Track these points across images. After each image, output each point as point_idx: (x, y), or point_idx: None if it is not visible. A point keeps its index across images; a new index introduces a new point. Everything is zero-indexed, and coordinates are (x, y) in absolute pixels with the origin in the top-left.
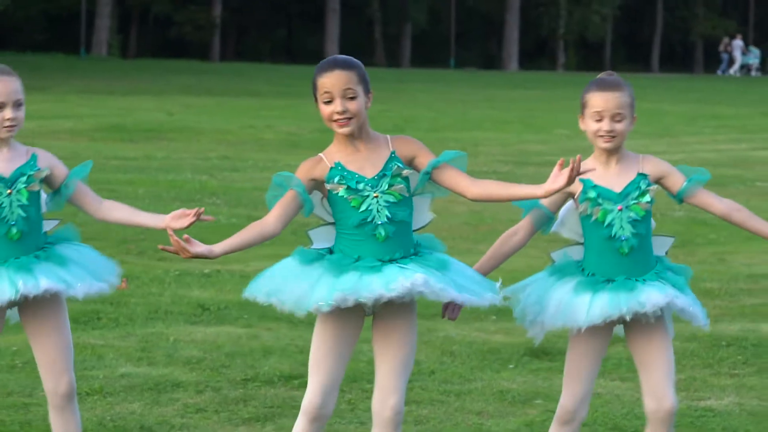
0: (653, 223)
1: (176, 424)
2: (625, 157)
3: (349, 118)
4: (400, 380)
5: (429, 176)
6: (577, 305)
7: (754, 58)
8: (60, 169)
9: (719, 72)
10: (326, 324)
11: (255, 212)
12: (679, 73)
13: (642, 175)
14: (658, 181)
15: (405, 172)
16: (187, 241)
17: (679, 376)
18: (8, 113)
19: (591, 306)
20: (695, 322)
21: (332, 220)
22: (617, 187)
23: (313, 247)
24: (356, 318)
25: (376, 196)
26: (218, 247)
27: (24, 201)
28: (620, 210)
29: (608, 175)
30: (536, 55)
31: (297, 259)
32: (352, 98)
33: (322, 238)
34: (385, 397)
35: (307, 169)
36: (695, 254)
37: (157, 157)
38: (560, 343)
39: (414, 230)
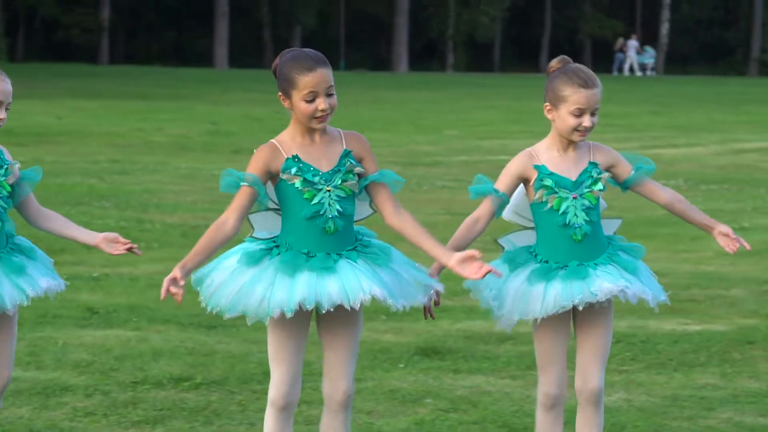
0: (604, 204)
1: (65, 428)
2: (578, 144)
3: (329, 114)
4: (348, 367)
5: (367, 186)
6: (532, 296)
7: (650, 57)
8: (18, 166)
9: (615, 72)
10: (280, 319)
11: (144, 215)
12: None
13: (593, 164)
14: (608, 169)
15: (357, 169)
16: (175, 291)
17: (569, 373)
18: (2, 114)
19: (545, 296)
20: (648, 304)
21: (276, 206)
22: (572, 175)
23: (254, 234)
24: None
25: (329, 190)
26: (187, 267)
27: (4, 193)
28: (575, 198)
29: (564, 163)
30: (426, 57)
31: (243, 262)
32: (332, 94)
33: (263, 224)
34: (336, 383)
35: (263, 160)
36: None
37: (46, 160)
38: (449, 342)
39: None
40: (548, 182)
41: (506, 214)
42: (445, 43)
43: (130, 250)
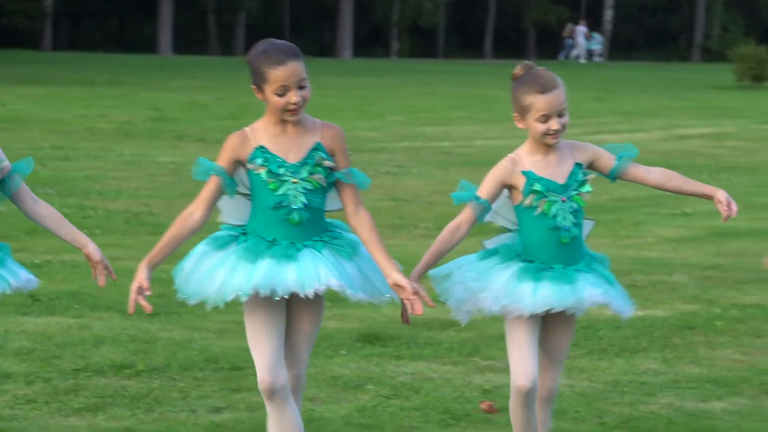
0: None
1: (5, 415)
2: (558, 146)
3: (302, 106)
4: (304, 353)
5: (335, 181)
6: (521, 291)
7: (597, 44)
8: (6, 162)
9: (561, 57)
10: (254, 305)
11: (86, 201)
12: (512, 60)
13: (578, 165)
14: (590, 166)
15: (327, 163)
16: (144, 304)
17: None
18: None
19: (536, 294)
20: (622, 317)
21: (247, 192)
22: (560, 178)
23: (222, 219)
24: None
25: (295, 182)
26: (154, 262)
27: None
28: (563, 201)
29: (550, 166)
30: (370, 43)
31: (211, 246)
32: (304, 87)
33: (231, 209)
34: (290, 369)
35: (233, 148)
36: None
37: None
38: (392, 328)
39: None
40: (538, 187)
41: (497, 219)
42: (390, 29)
43: (108, 273)
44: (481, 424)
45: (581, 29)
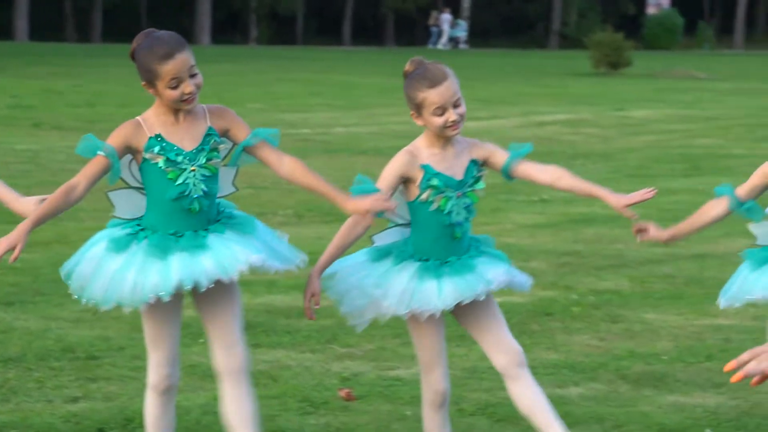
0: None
1: None
2: (456, 140)
3: (196, 94)
4: (238, 333)
5: (243, 150)
6: (427, 291)
7: (462, 31)
8: None
9: (430, 45)
10: (153, 305)
11: None
12: (371, 46)
13: (474, 162)
14: (485, 163)
15: (221, 146)
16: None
17: (369, 346)
18: None
19: (441, 291)
20: (521, 290)
21: (138, 185)
22: (458, 173)
23: (115, 214)
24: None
25: (194, 170)
26: (28, 224)
27: None
28: (458, 197)
29: (447, 161)
30: (228, 29)
31: (111, 248)
32: (195, 74)
33: (124, 202)
34: (232, 350)
35: (125, 135)
36: (383, 224)
37: None
38: (250, 316)
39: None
40: (435, 182)
41: (389, 214)
42: (248, 16)
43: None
44: (340, 412)
45: (446, 17)
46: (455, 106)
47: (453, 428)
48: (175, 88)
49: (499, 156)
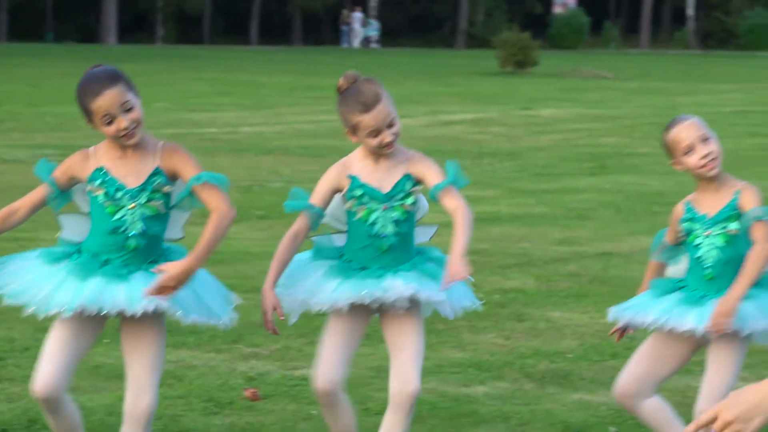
0: (426, 205)
1: None
2: (393, 153)
3: (135, 128)
4: (150, 378)
5: (189, 192)
6: (325, 288)
7: (374, 30)
8: None
9: (344, 44)
10: (67, 318)
11: None
12: (278, 45)
13: (407, 176)
14: (420, 181)
15: (166, 188)
16: None
17: (275, 346)
18: None
19: (336, 289)
20: (443, 312)
21: (87, 211)
22: (386, 186)
23: (62, 234)
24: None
25: (133, 207)
26: None
27: None
28: (385, 209)
29: (377, 173)
30: (135, 29)
31: (42, 259)
32: (130, 109)
33: (72, 227)
34: (139, 395)
35: (70, 165)
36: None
37: None
38: None
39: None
40: (358, 193)
41: (331, 221)
42: (155, 15)
43: None
44: (245, 412)
45: (357, 15)
46: (389, 126)
47: (359, 427)
48: (109, 124)
49: (431, 178)
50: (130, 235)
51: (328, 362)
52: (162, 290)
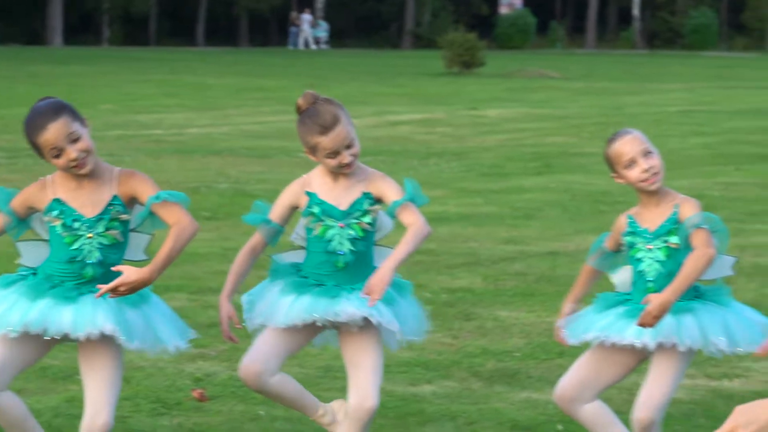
0: (389, 225)
1: None
2: (353, 172)
3: (85, 158)
4: (106, 399)
5: (150, 213)
6: (280, 305)
7: (323, 31)
8: None
9: (290, 46)
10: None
11: None
12: (225, 47)
13: (366, 195)
14: (379, 199)
15: (123, 216)
16: None
17: (222, 347)
18: None
19: (291, 307)
20: (386, 341)
21: (46, 238)
22: (343, 203)
23: (20, 261)
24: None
25: (90, 237)
26: None
27: None
28: (341, 227)
29: (335, 191)
30: (81, 31)
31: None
32: (77, 140)
33: (31, 253)
34: (96, 414)
35: (27, 196)
36: (239, 226)
37: None
38: None
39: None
40: (315, 210)
41: (293, 236)
42: (101, 17)
43: None
44: (193, 413)
45: (306, 17)
46: (348, 147)
47: (304, 427)
48: (57, 157)
49: (390, 196)
50: (87, 263)
51: (257, 354)
52: (114, 292)
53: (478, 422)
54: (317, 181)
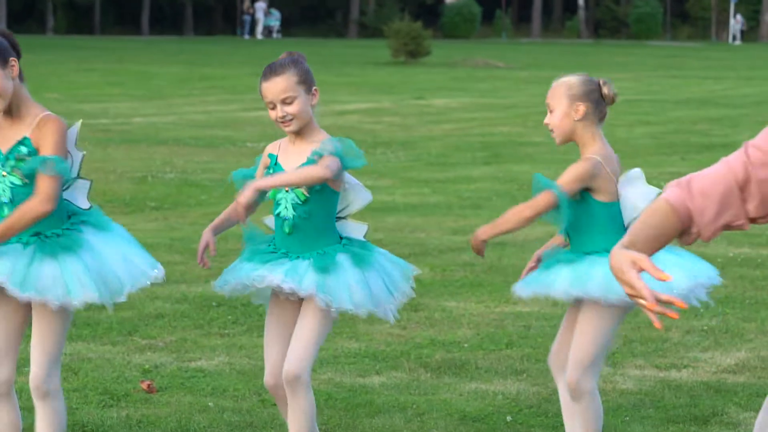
0: (365, 197)
1: None
2: (309, 132)
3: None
4: (39, 357)
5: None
6: (240, 271)
7: (275, 20)
8: None
9: (246, 36)
10: None
11: None
12: (170, 36)
13: (313, 155)
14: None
15: (28, 159)
16: None
17: (171, 338)
18: None
19: (228, 274)
20: (331, 308)
21: None
22: (293, 167)
23: None
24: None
25: (5, 175)
26: None
27: None
28: (287, 191)
29: (290, 153)
30: (24, 18)
31: None
32: None
33: None
34: (31, 370)
35: None
36: (186, 216)
37: None
38: None
39: None
40: (271, 172)
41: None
42: (45, 5)
43: None
44: (141, 404)
45: (261, 5)
46: (285, 103)
47: (253, 419)
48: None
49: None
50: (2, 202)
51: (271, 360)
52: None
53: (427, 413)
54: (283, 143)
